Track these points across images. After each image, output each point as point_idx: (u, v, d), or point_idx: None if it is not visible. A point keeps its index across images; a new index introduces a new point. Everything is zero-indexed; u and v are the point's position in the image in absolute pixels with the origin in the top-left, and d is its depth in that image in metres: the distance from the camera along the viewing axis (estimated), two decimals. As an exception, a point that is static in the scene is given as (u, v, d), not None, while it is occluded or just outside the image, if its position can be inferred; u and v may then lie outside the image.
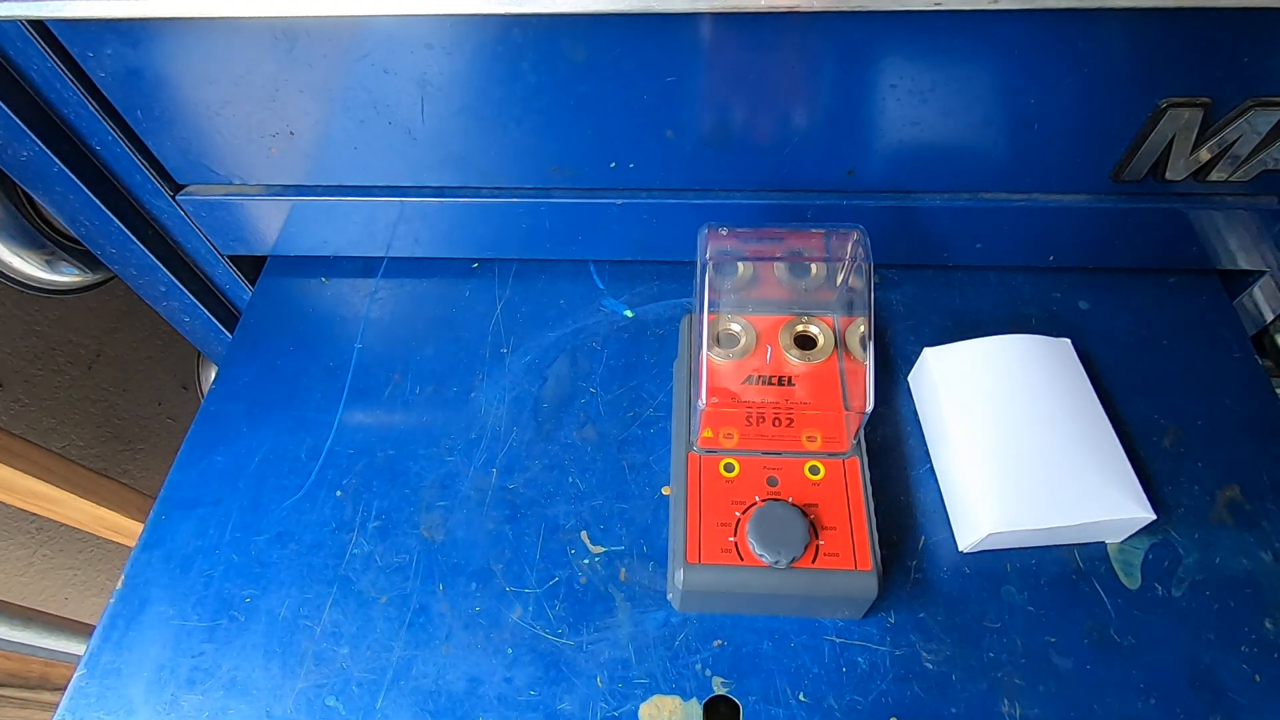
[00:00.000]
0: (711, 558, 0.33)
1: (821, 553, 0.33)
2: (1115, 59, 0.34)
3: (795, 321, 0.37)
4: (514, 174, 0.42)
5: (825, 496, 0.35)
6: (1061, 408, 0.38)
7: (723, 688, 0.34)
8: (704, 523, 0.34)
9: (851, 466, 0.36)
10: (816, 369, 0.36)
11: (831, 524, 0.34)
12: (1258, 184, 0.40)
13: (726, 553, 0.33)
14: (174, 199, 0.45)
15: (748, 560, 0.33)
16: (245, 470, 0.42)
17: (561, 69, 0.36)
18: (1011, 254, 0.46)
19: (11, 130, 0.39)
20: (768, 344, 0.37)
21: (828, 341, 0.37)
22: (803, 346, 0.37)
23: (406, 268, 0.50)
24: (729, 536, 0.34)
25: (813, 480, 0.35)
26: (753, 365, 0.36)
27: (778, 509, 0.33)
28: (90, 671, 0.36)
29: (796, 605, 0.35)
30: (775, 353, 0.36)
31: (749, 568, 0.33)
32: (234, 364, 0.47)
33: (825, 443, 0.36)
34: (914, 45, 0.34)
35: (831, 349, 0.36)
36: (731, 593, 0.33)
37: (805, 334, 0.37)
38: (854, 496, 0.35)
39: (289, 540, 0.40)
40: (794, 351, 0.36)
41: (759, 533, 0.33)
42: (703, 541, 0.34)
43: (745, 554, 0.33)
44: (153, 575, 0.39)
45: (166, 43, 0.36)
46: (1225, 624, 0.35)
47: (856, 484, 0.35)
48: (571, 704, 0.34)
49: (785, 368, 0.36)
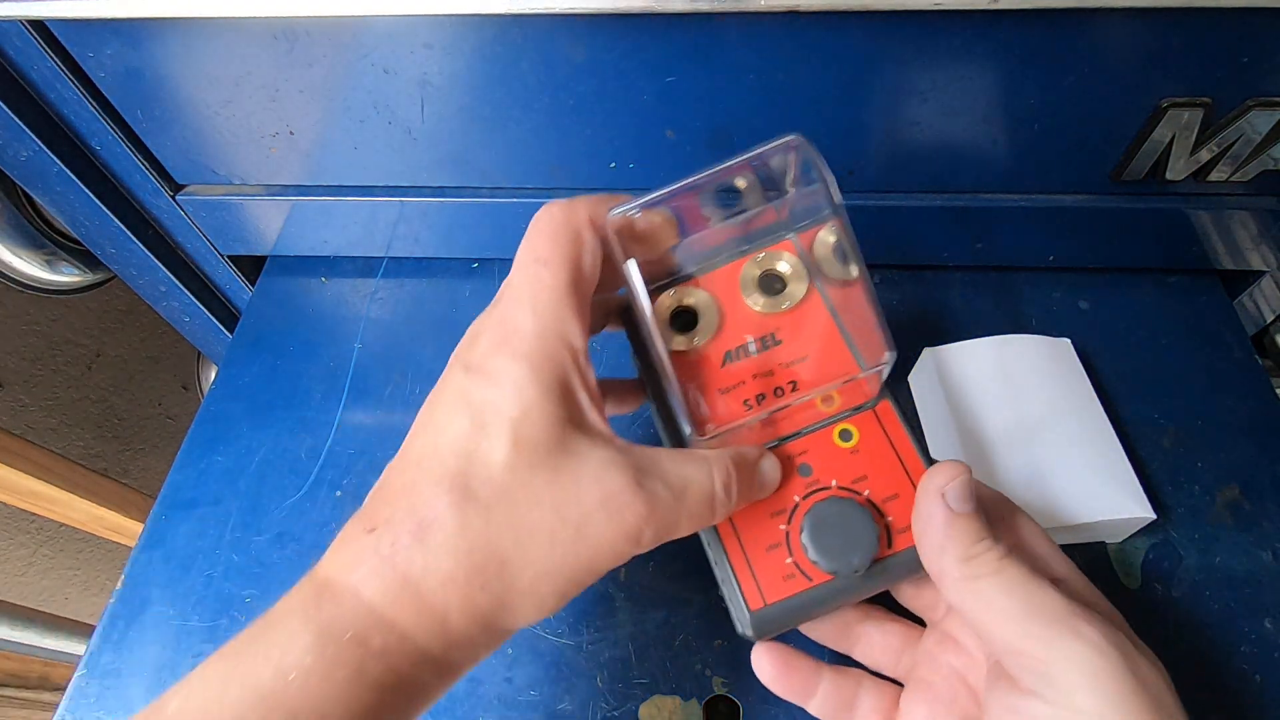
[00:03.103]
0: (776, 594, 0.27)
1: (894, 531, 0.27)
2: (1115, 59, 0.34)
3: (750, 264, 0.29)
4: (514, 174, 0.42)
5: (870, 463, 0.28)
6: (1061, 408, 0.38)
7: (723, 688, 0.34)
8: (750, 554, 0.28)
9: (885, 412, 0.29)
10: (797, 312, 0.28)
11: (891, 492, 0.28)
12: (1258, 184, 0.40)
13: (791, 579, 0.27)
14: (174, 199, 0.45)
15: (818, 580, 0.27)
16: (245, 470, 0.42)
17: (561, 69, 0.36)
18: (1011, 254, 0.46)
19: (11, 130, 0.39)
20: (732, 303, 0.29)
21: (797, 269, 0.29)
22: (770, 291, 0.29)
23: (406, 268, 0.50)
24: (785, 559, 0.27)
25: (848, 449, 0.28)
26: (724, 340, 0.28)
27: (828, 509, 0.27)
28: (90, 671, 0.36)
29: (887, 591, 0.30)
30: (743, 311, 0.29)
31: (823, 586, 0.27)
32: (234, 364, 0.47)
33: (846, 397, 0.29)
34: (914, 45, 0.34)
35: (806, 279, 0.28)
36: (810, 615, 0.28)
37: (769, 273, 0.29)
38: (902, 448, 0.28)
39: (289, 540, 0.40)
40: (761, 301, 0.28)
41: (818, 545, 0.27)
42: (759, 578, 0.27)
43: (812, 572, 0.27)
44: (153, 575, 0.39)
45: (166, 43, 0.36)
46: (1225, 624, 0.35)
47: (899, 431, 0.29)
48: (571, 704, 0.34)
49: (761, 324, 0.28)
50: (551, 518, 0.23)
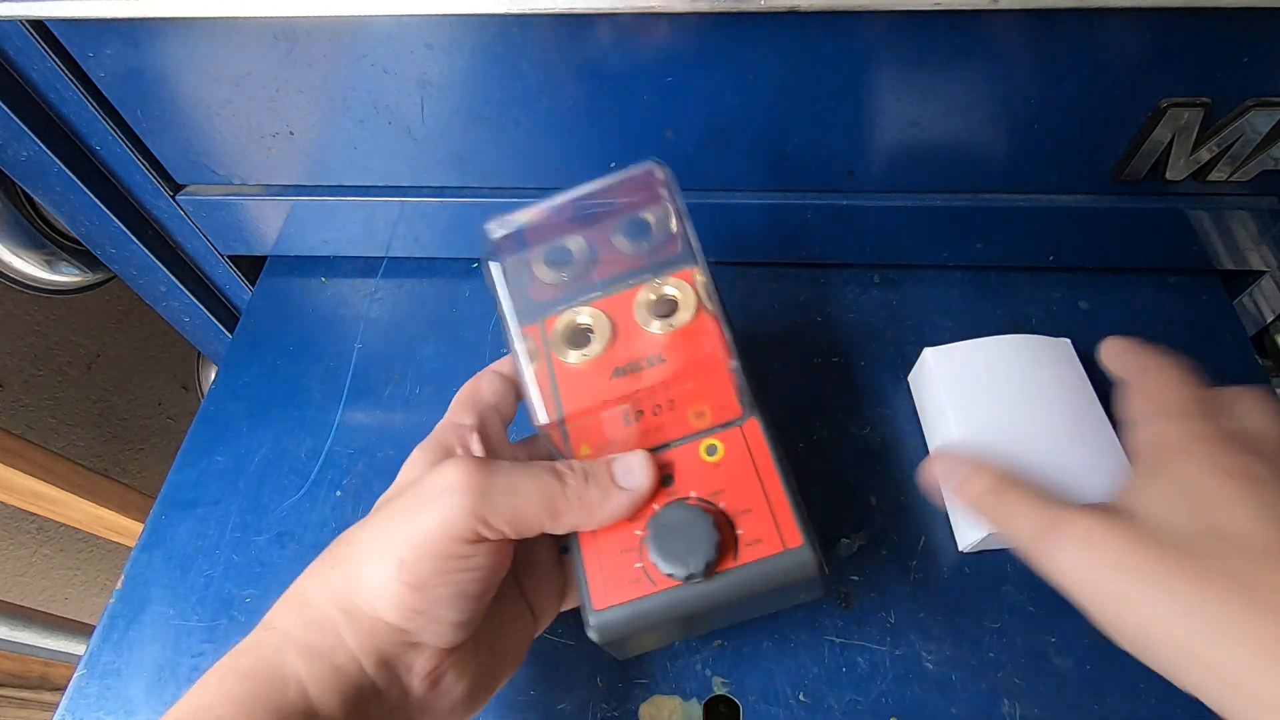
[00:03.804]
0: (621, 595, 0.27)
1: (742, 544, 0.28)
2: (1115, 59, 0.34)
3: (649, 288, 0.31)
4: (514, 174, 0.42)
5: (730, 477, 0.29)
6: (1061, 408, 0.38)
7: (723, 688, 0.34)
8: (603, 556, 0.28)
9: (752, 430, 0.30)
10: (684, 333, 0.30)
11: (745, 507, 0.28)
12: (1258, 184, 0.40)
13: (637, 584, 0.27)
14: (174, 199, 0.45)
15: (661, 584, 0.27)
16: (245, 470, 0.42)
17: (561, 69, 0.36)
18: (1011, 254, 0.46)
19: (11, 130, 0.39)
20: (625, 323, 0.30)
21: (687, 296, 0.30)
22: (663, 315, 0.30)
23: (406, 268, 0.50)
24: (634, 563, 0.28)
25: (711, 462, 0.29)
26: (617, 354, 0.30)
27: (670, 514, 0.28)
28: (90, 671, 0.36)
29: (743, 610, 0.30)
30: (635, 331, 0.30)
31: (665, 592, 0.27)
32: (234, 364, 0.47)
33: (715, 414, 0.30)
34: (914, 45, 0.34)
35: (695, 305, 0.30)
36: (658, 625, 0.28)
37: (665, 298, 0.31)
38: (763, 466, 0.29)
39: (289, 540, 0.40)
40: (656, 323, 0.30)
41: (659, 548, 0.27)
42: (607, 579, 0.28)
43: (657, 578, 0.27)
44: (153, 575, 0.39)
45: (166, 43, 0.36)
46: (1225, 624, 0.35)
47: (763, 450, 0.29)
48: (571, 704, 0.34)
49: (652, 345, 0.29)
50: (395, 508, 0.27)
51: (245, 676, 0.24)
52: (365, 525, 0.28)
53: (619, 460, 0.29)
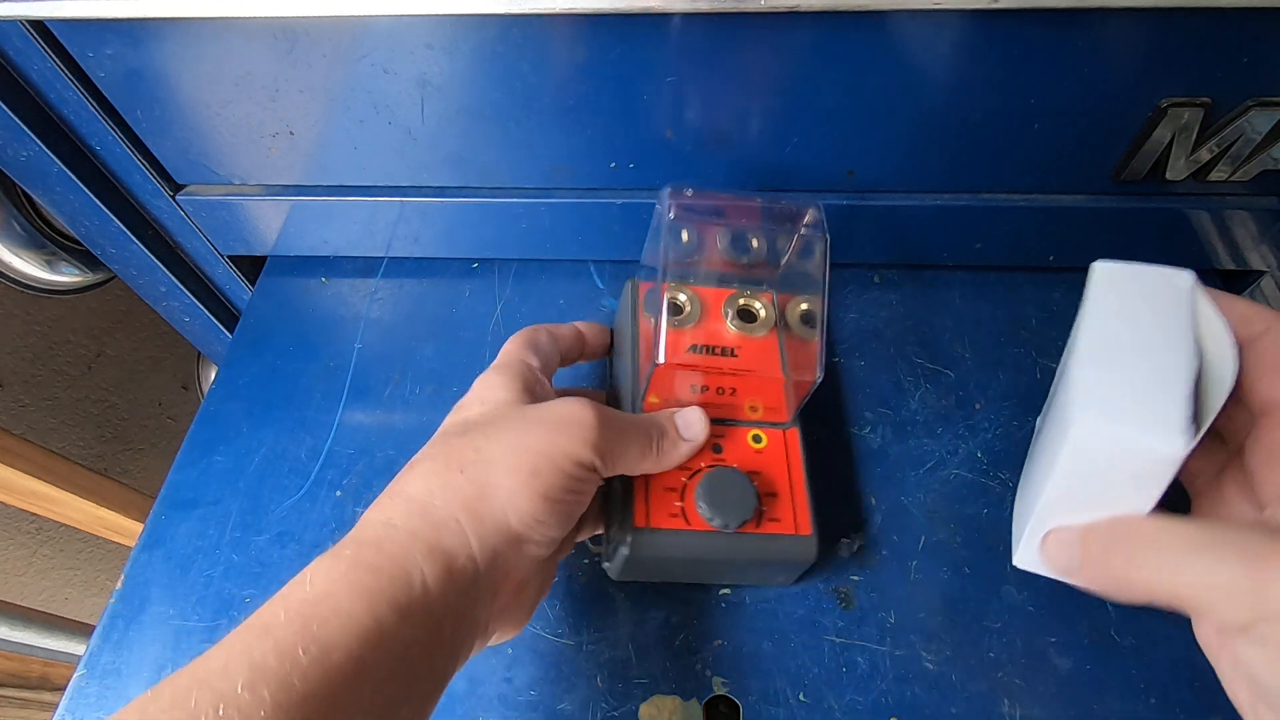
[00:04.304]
0: (660, 522, 0.33)
1: (765, 518, 0.33)
2: (1115, 59, 0.34)
3: (737, 295, 0.37)
4: (514, 174, 0.42)
5: (768, 464, 0.35)
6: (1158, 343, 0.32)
7: (723, 688, 0.35)
8: (651, 490, 0.34)
9: (792, 437, 0.36)
10: (758, 342, 0.36)
11: (773, 491, 0.34)
12: (1258, 184, 0.40)
13: (674, 518, 0.33)
14: (174, 199, 0.45)
15: (695, 525, 0.33)
16: (245, 470, 0.42)
17: (561, 69, 0.36)
18: (1011, 254, 0.46)
19: (11, 130, 0.39)
20: (712, 314, 0.37)
21: (768, 316, 0.37)
22: (745, 320, 0.36)
23: (406, 268, 0.50)
24: (675, 501, 0.33)
25: (756, 448, 0.36)
26: (697, 335, 0.36)
27: (726, 474, 0.33)
28: (90, 671, 0.36)
29: (737, 572, 0.36)
30: (719, 324, 0.36)
31: (697, 532, 0.33)
32: (234, 364, 0.47)
33: (767, 413, 0.36)
34: (914, 45, 0.34)
35: (772, 324, 0.36)
36: (676, 558, 0.33)
37: (747, 308, 0.37)
38: (794, 465, 0.35)
39: (289, 540, 0.40)
40: (735, 323, 0.36)
41: (709, 497, 0.33)
42: (651, 507, 0.33)
43: (693, 518, 0.33)
44: (153, 575, 0.39)
45: (166, 43, 0.36)
46: (1225, 624, 0.35)
47: (796, 454, 0.36)
48: (571, 704, 0.34)
49: (728, 338, 0.36)
50: (519, 420, 0.30)
51: (372, 571, 0.25)
52: (486, 436, 0.29)
53: (680, 414, 0.34)
